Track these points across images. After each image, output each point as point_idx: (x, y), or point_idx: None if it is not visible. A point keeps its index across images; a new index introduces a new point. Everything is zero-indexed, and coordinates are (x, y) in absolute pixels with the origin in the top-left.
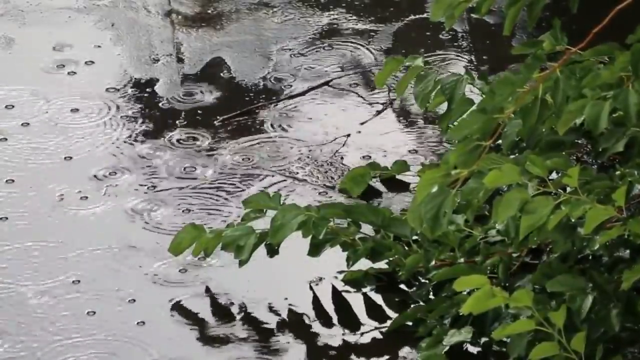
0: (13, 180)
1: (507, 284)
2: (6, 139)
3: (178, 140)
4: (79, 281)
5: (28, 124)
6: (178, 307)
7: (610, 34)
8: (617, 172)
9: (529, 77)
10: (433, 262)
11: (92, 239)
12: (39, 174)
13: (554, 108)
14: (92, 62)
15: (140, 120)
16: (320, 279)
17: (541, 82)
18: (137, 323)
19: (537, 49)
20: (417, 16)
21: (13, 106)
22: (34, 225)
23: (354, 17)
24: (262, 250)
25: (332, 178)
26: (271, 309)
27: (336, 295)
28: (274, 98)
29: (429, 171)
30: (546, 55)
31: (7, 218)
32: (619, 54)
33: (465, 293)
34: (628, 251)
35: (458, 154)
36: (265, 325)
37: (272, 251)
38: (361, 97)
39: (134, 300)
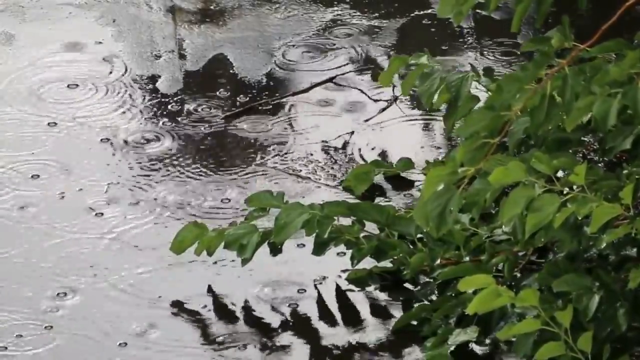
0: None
1: (512, 283)
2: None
3: (179, 138)
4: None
5: (27, 121)
6: (179, 307)
7: (616, 30)
8: (625, 171)
9: (537, 74)
10: (438, 261)
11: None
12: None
13: (562, 106)
14: (93, 59)
15: (141, 118)
16: (324, 277)
17: (549, 79)
18: (138, 323)
19: (545, 46)
20: (422, 12)
21: (12, 104)
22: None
23: (358, 13)
24: (265, 248)
25: (336, 176)
26: (274, 308)
27: (340, 294)
28: (277, 95)
29: (435, 169)
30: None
31: None
32: (628, 52)
33: (470, 292)
34: (635, 250)
35: (465, 151)
36: (269, 325)
37: (275, 250)
38: (365, 93)
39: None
